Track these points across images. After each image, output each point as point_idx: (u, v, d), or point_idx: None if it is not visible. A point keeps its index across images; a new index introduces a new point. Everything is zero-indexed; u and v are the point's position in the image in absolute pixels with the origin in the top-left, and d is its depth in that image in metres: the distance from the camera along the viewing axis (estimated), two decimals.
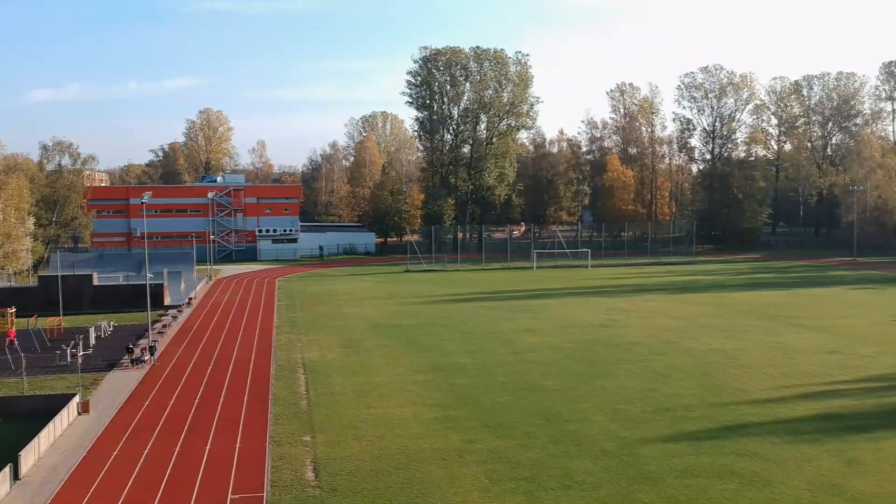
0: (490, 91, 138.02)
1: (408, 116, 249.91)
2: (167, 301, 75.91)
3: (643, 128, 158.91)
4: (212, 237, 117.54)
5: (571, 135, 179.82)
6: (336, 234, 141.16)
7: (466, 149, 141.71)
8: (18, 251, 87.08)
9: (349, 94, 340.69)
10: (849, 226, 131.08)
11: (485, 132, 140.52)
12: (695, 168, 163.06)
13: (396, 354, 51.95)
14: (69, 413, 36.80)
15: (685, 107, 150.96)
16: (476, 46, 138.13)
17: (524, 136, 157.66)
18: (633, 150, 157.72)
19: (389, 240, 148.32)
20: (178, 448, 33.03)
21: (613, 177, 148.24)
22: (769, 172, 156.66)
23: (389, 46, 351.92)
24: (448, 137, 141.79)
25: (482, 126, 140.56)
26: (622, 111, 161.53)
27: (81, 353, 49.79)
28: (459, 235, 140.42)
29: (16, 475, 29.27)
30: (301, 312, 71.45)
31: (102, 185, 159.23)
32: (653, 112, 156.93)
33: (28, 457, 30.53)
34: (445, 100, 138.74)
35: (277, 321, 66.47)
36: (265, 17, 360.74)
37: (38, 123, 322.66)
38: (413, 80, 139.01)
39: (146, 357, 49.53)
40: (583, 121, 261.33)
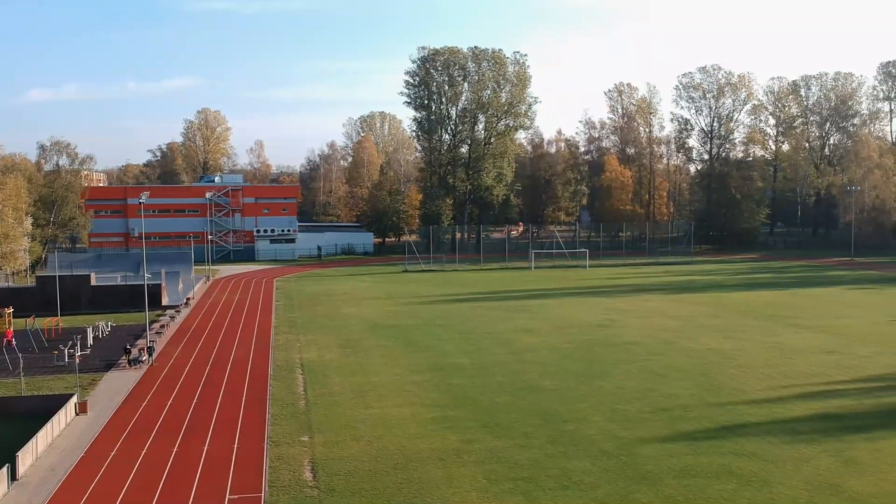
0: (488, 91, 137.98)
1: (406, 116, 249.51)
2: (165, 301, 75.86)
3: (641, 128, 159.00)
4: (210, 237, 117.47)
5: (569, 135, 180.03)
6: (334, 235, 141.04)
7: (464, 149, 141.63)
8: (16, 251, 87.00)
9: (347, 95, 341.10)
10: (847, 226, 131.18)
11: (483, 132, 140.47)
12: (693, 168, 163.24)
13: (395, 354, 51.95)
14: (67, 413, 36.77)
15: (683, 107, 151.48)
16: (474, 46, 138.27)
17: (522, 137, 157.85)
18: (631, 151, 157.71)
19: (388, 240, 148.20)
20: (176, 448, 33.01)
21: (611, 177, 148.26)
22: (767, 172, 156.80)
23: (388, 46, 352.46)
24: (446, 137, 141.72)
25: (480, 126, 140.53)
26: (620, 111, 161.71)
27: (79, 354, 49.77)
28: (458, 235, 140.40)
29: (13, 476, 29.24)
30: (299, 312, 71.44)
31: (100, 186, 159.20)
32: (651, 112, 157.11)
33: (26, 457, 30.50)
34: (443, 100, 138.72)
35: (276, 321, 66.44)
36: (264, 17, 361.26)
37: (36, 123, 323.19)
38: (411, 81, 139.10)
39: (144, 357, 49.50)
40: (581, 121, 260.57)
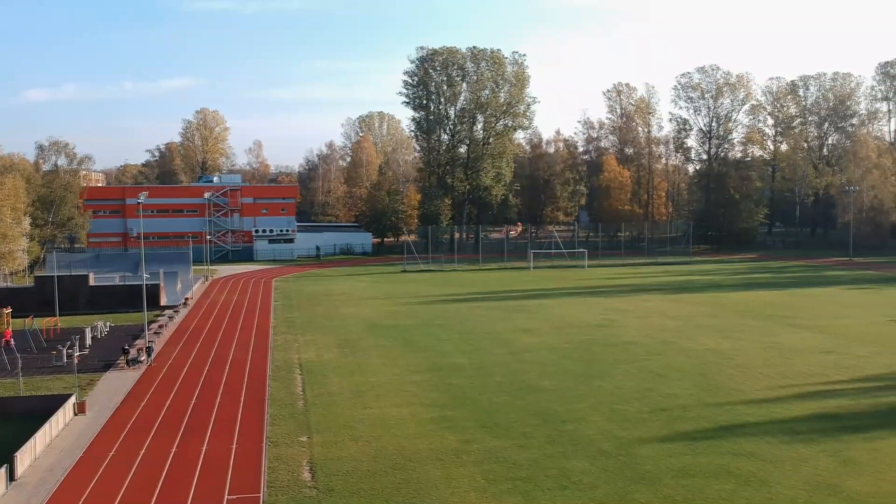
0: (487, 91, 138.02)
1: (405, 116, 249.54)
2: (163, 301, 75.78)
3: (640, 128, 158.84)
4: (208, 237, 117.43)
5: (568, 135, 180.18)
6: (333, 235, 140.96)
7: (463, 149, 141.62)
8: (14, 251, 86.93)
9: (346, 95, 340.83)
10: (845, 226, 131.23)
11: (481, 132, 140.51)
12: (691, 168, 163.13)
13: (393, 355, 51.93)
14: (65, 414, 36.75)
15: (682, 107, 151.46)
16: (473, 47, 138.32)
17: (521, 137, 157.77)
18: (630, 151, 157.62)
19: (386, 240, 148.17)
20: (175, 448, 33.01)
21: (610, 177, 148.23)
22: (765, 172, 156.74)
23: (388, 47, 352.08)
24: (445, 138, 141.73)
25: (479, 126, 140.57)
26: (619, 111, 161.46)
27: (77, 354, 49.79)
28: (456, 235, 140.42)
29: (11, 476, 29.23)
30: (298, 313, 71.41)
31: (99, 186, 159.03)
32: (649, 112, 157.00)
33: (24, 457, 30.48)
34: (442, 100, 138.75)
35: (274, 321, 66.41)
36: (262, 17, 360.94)
37: (35, 123, 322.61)
38: (410, 81, 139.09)
39: (143, 357, 49.48)
40: (579, 121, 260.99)
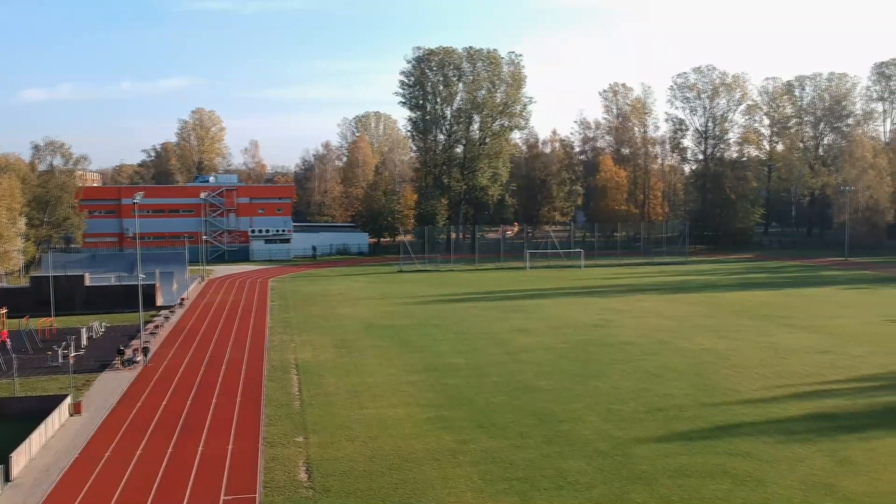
0: (483, 91, 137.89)
1: (401, 116, 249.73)
2: (159, 302, 75.69)
3: (636, 128, 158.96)
4: (204, 237, 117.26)
5: (565, 135, 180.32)
6: (329, 235, 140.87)
7: (459, 149, 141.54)
8: (10, 252, 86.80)
9: (343, 95, 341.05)
10: (841, 226, 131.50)
11: (478, 132, 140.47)
12: (687, 168, 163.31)
13: (390, 355, 51.91)
14: (61, 414, 36.67)
15: (678, 107, 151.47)
16: (469, 47, 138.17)
17: (517, 137, 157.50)
18: (626, 151, 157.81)
19: (383, 240, 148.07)
20: (171, 449, 32.95)
21: (606, 177, 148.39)
22: (761, 173, 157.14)
23: (386, 47, 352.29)
24: (441, 138, 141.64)
25: (475, 126, 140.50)
26: (615, 111, 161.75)
27: (73, 354, 49.65)
28: (453, 236, 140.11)
29: (7, 477, 29.15)
30: (294, 313, 71.34)
31: (94, 186, 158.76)
32: (645, 112, 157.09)
33: (19, 458, 30.40)
34: (438, 100, 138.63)
35: (270, 322, 66.34)
36: (259, 17, 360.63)
37: (31, 123, 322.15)
38: (406, 81, 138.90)
39: (139, 358, 49.40)
40: (576, 121, 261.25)
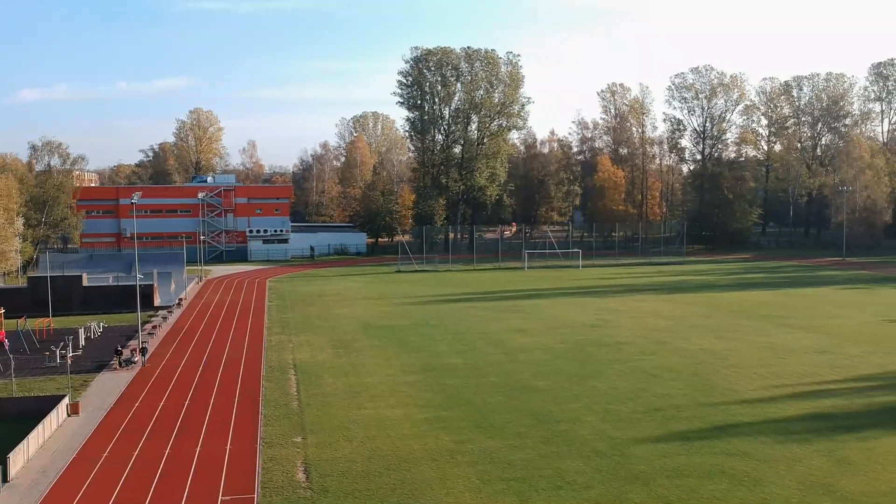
0: (481, 91, 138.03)
1: (399, 116, 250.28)
2: (157, 302, 75.62)
3: (634, 128, 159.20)
4: (202, 238, 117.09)
5: (562, 135, 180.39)
6: (327, 235, 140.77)
7: (457, 149, 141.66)
8: (7, 252, 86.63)
9: (340, 95, 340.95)
10: (838, 226, 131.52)
11: (476, 132, 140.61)
12: (685, 168, 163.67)
13: (388, 355, 51.89)
14: (58, 415, 36.61)
15: (676, 107, 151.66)
16: (467, 47, 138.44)
17: (515, 137, 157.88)
18: (624, 151, 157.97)
19: (380, 240, 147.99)
20: (169, 450, 32.91)
21: (604, 177, 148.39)
22: (759, 173, 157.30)
23: (385, 46, 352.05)
24: (439, 138, 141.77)
25: (473, 126, 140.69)
26: (613, 111, 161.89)
27: (71, 355, 49.58)
28: (450, 236, 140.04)
29: (4, 477, 29.09)
30: (292, 313, 71.30)
31: (92, 186, 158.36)
32: (643, 112, 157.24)
33: (17, 459, 30.35)
34: (436, 100, 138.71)
35: (268, 322, 66.30)
36: (257, 17, 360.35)
37: (27, 123, 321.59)
38: (404, 81, 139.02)
39: (136, 358, 49.34)
40: (574, 121, 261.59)
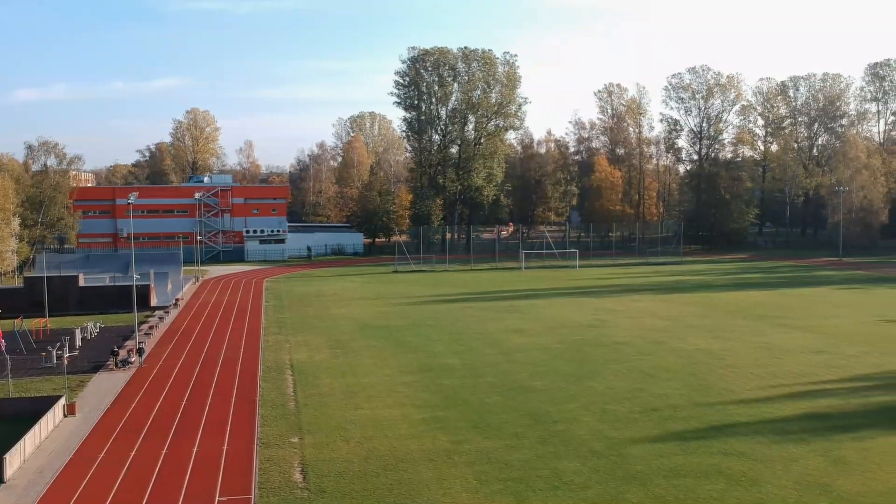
0: (478, 91, 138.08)
1: (396, 117, 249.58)
2: (154, 302, 75.52)
3: (631, 128, 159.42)
4: (199, 238, 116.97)
5: (559, 135, 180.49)
6: (324, 235, 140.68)
7: (454, 149, 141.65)
8: (3, 252, 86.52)
9: (337, 95, 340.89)
10: (835, 226, 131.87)
11: (473, 133, 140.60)
12: (682, 168, 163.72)
13: (385, 355, 51.88)
14: (55, 415, 36.54)
15: (672, 107, 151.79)
16: (464, 47, 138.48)
17: (512, 137, 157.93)
18: (621, 151, 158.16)
19: (378, 240, 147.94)
20: (165, 450, 32.87)
21: (601, 177, 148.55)
22: (756, 173, 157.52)
23: (382, 46, 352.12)
24: (436, 138, 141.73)
25: (470, 126, 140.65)
26: (610, 112, 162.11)
27: (67, 355, 49.51)
28: (448, 236, 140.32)
29: (0, 478, 29.05)
30: (289, 313, 71.25)
31: (88, 186, 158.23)
32: (640, 113, 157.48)
33: (13, 459, 30.30)
34: (433, 100, 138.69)
35: (265, 322, 66.24)
36: (254, 17, 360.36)
37: (24, 123, 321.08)
38: (401, 81, 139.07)
39: (133, 359, 49.27)
40: (571, 121, 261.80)
